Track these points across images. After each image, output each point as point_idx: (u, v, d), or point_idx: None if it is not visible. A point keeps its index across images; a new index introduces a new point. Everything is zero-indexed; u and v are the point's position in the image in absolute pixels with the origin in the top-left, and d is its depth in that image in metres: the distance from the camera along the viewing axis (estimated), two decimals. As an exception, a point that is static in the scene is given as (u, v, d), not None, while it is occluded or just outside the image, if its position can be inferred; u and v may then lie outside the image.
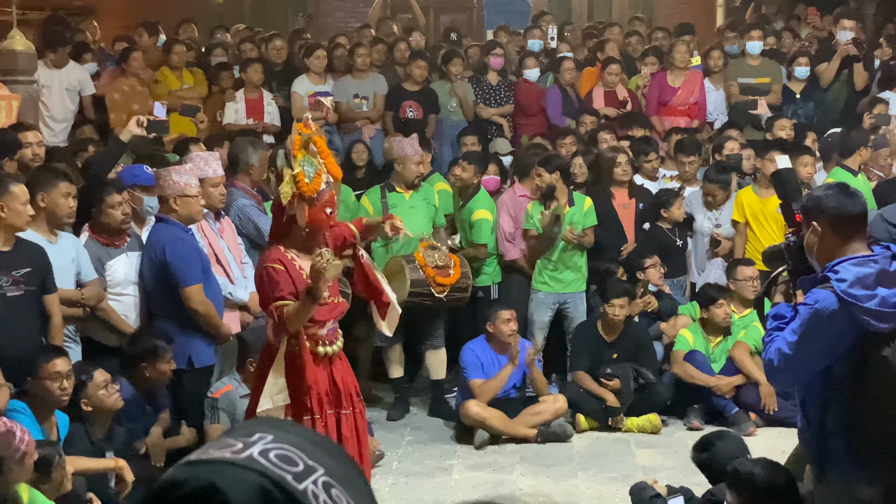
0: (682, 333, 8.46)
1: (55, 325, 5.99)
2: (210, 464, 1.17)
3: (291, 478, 1.16)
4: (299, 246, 5.48)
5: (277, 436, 1.21)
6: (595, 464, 7.48)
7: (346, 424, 5.62)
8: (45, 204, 6.14)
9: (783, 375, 4.22)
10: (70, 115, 10.23)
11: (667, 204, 9.05)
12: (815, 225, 4.15)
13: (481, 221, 8.83)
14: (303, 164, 5.34)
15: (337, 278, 5.56)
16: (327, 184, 5.39)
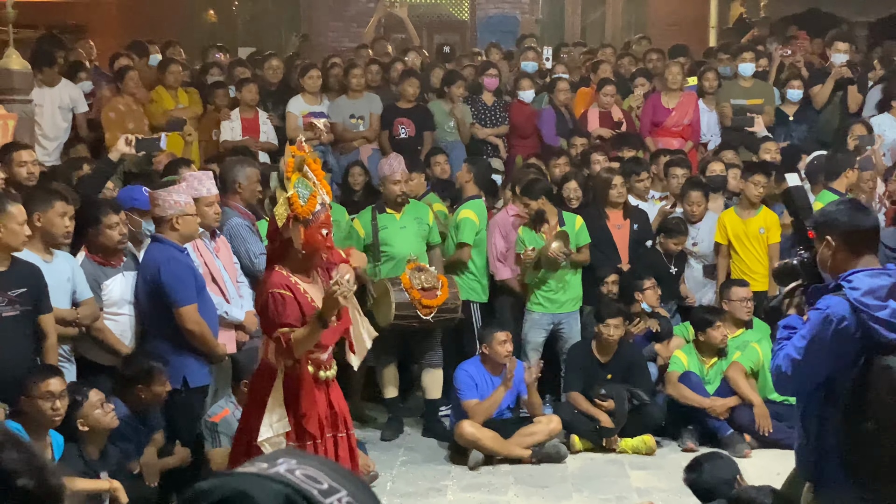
0: (677, 354, 8.47)
1: (50, 345, 5.98)
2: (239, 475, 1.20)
3: (317, 493, 1.20)
4: (297, 268, 5.43)
5: (300, 460, 1.25)
6: (589, 485, 7.47)
7: (342, 447, 5.62)
8: (41, 223, 6.14)
9: (791, 382, 4.24)
10: (63, 133, 10.24)
11: (670, 234, 9.06)
12: (828, 239, 4.26)
13: (464, 221, 8.85)
14: (297, 187, 5.30)
15: None
16: (322, 205, 5.36)
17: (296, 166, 5.35)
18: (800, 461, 4.42)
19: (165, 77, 10.80)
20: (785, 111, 11.33)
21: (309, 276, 5.44)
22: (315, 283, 5.49)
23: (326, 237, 5.44)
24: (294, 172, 5.34)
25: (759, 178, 9.14)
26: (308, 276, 5.44)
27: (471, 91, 11.64)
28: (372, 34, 13.95)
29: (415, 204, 8.76)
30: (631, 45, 13.63)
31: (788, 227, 9.16)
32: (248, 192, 7.78)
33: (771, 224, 9.12)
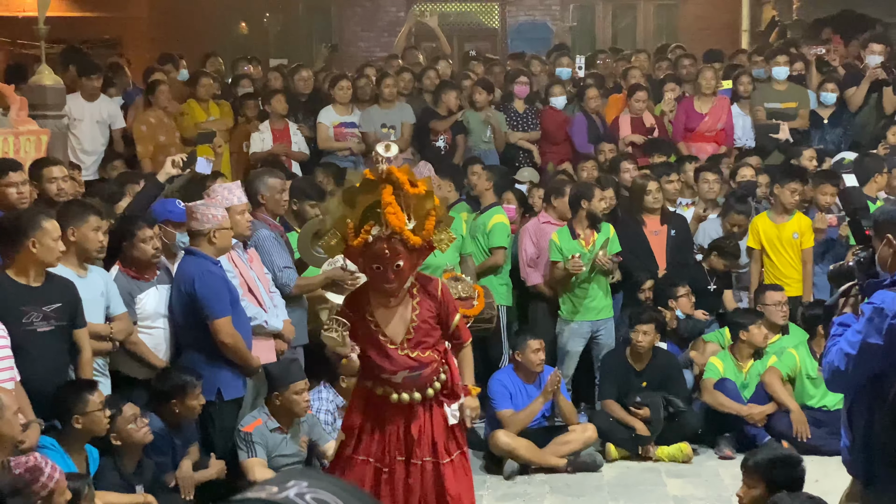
0: (712, 361, 8.40)
1: (85, 360, 6.00)
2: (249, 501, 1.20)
3: None
4: (377, 292, 5.42)
5: (312, 483, 1.24)
6: (626, 493, 7.42)
7: (414, 475, 5.52)
8: (76, 238, 6.16)
9: (843, 378, 4.20)
10: (100, 147, 10.31)
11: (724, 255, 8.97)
12: (889, 237, 4.28)
13: (498, 226, 8.87)
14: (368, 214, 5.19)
15: (423, 335, 5.45)
16: (376, 237, 5.12)
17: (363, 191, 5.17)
18: (847, 460, 4.39)
19: (196, 90, 10.85)
20: (819, 114, 11.24)
21: (388, 299, 5.38)
22: (393, 308, 5.42)
23: (382, 270, 5.20)
24: (363, 196, 5.17)
25: (795, 186, 9.08)
26: (388, 300, 5.38)
27: (501, 99, 11.64)
28: (403, 44, 13.97)
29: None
30: (666, 52, 13.55)
31: (822, 232, 9.09)
32: (272, 203, 7.76)
33: (805, 229, 9.04)
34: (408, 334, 5.40)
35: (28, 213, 5.99)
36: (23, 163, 7.04)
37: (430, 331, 5.46)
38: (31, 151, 7.67)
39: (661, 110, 11.36)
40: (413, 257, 5.22)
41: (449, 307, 5.52)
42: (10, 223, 5.80)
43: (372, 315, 5.39)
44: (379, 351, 5.41)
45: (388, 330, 5.38)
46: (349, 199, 5.12)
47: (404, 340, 5.40)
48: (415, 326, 5.39)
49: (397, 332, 5.40)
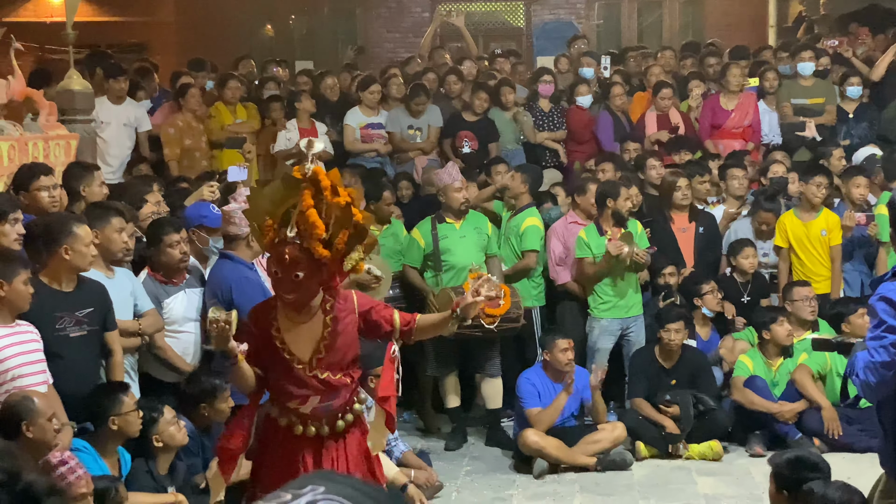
0: (742, 359, 8.38)
1: (116, 362, 6.06)
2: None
3: None
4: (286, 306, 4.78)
5: (329, 487, 1.23)
6: (656, 492, 7.41)
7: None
8: (100, 240, 6.19)
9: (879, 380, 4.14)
10: (127, 151, 10.36)
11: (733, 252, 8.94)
12: None
13: (530, 228, 8.88)
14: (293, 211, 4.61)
15: (336, 356, 4.79)
16: (281, 240, 4.59)
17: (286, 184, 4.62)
18: (881, 457, 4.35)
19: (223, 92, 10.89)
20: (845, 108, 11.17)
21: (297, 312, 4.74)
22: (300, 324, 4.76)
23: (281, 277, 4.63)
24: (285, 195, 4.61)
25: (821, 180, 9.02)
26: (297, 315, 4.75)
27: (527, 98, 11.63)
28: (429, 46, 13.96)
29: (474, 214, 8.77)
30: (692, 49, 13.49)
31: (849, 230, 9.04)
32: None
33: (833, 226, 8.98)
34: (317, 353, 4.73)
35: (60, 218, 6.03)
36: (52, 167, 7.09)
37: (345, 350, 4.79)
38: (60, 156, 7.72)
39: (687, 107, 11.33)
40: (320, 272, 4.59)
41: (373, 310, 4.86)
42: (42, 229, 5.85)
43: (278, 331, 4.74)
44: (285, 371, 4.74)
45: (294, 347, 4.73)
46: (273, 194, 4.58)
47: (313, 359, 4.73)
48: (325, 344, 4.73)
49: (305, 350, 4.73)
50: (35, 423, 4.96)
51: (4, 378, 5.27)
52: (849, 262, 9.18)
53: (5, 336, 5.31)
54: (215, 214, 6.92)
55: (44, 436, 4.96)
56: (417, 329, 4.90)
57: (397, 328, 4.86)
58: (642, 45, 14.88)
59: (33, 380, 5.35)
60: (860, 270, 9.24)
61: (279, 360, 4.74)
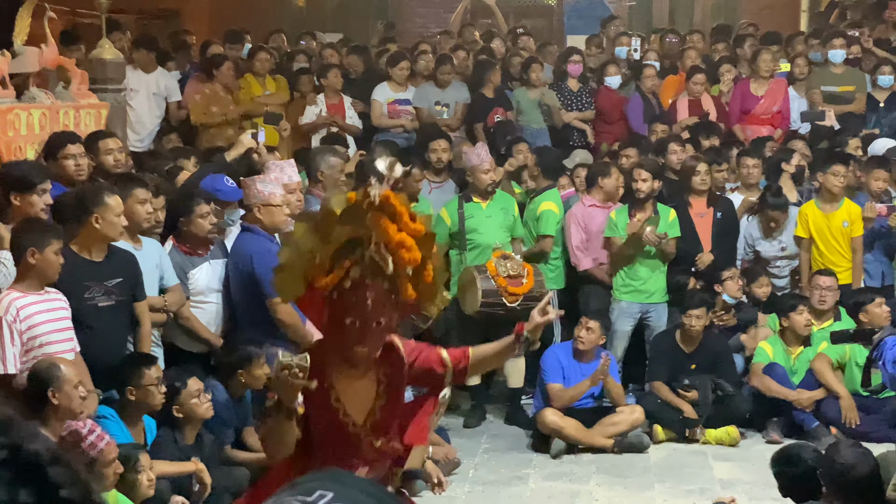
0: (762, 346, 8.40)
1: (144, 333, 6.14)
2: None
3: None
4: (338, 358, 3.86)
5: (339, 493, 1.22)
6: (672, 476, 7.45)
7: None
8: None
9: None
10: (156, 120, 10.42)
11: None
12: None
13: (546, 213, 8.91)
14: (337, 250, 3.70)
15: (390, 418, 3.95)
16: (356, 281, 3.67)
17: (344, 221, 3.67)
18: None
19: (253, 64, 10.92)
20: (876, 97, 11.12)
21: (352, 367, 3.87)
22: (356, 380, 3.90)
23: (361, 327, 3.74)
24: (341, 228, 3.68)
25: (839, 169, 8.99)
26: (350, 369, 3.87)
27: (555, 78, 11.62)
28: (459, 21, 13.96)
29: (501, 194, 8.81)
30: (724, 32, 13.43)
31: (871, 221, 9.01)
32: (331, 181, 7.86)
33: (855, 217, 8.96)
34: (372, 416, 3.90)
35: (92, 188, 6.10)
36: (81, 136, 7.15)
37: (397, 411, 4.01)
38: (90, 125, 7.79)
39: (718, 91, 11.30)
40: (396, 317, 3.84)
41: (421, 354, 4.02)
42: (74, 198, 5.92)
43: (332, 386, 3.86)
44: (334, 437, 3.89)
45: (350, 407, 3.89)
46: (324, 228, 3.69)
47: (367, 423, 3.90)
48: (381, 405, 3.91)
49: (359, 412, 3.90)
50: (61, 389, 5.04)
51: (32, 345, 5.35)
52: (869, 252, 9.17)
53: (34, 303, 5.39)
54: (229, 187, 6.96)
55: (70, 403, 5.04)
56: (473, 365, 4.09)
57: (450, 370, 4.04)
58: (673, 28, 14.81)
59: (61, 347, 5.43)
60: (881, 261, 9.23)
61: (330, 422, 3.86)
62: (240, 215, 7.09)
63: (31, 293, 5.40)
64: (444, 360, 4.02)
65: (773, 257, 9.20)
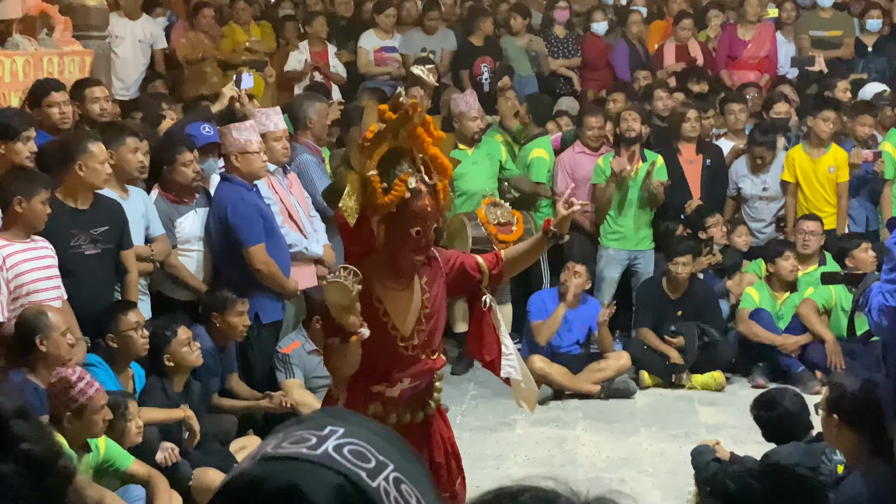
0: (748, 291, 8.44)
1: (131, 281, 6.13)
2: (290, 461, 1.20)
3: (365, 475, 1.19)
4: (385, 272, 3.94)
5: (348, 429, 1.24)
6: (658, 421, 7.51)
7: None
8: (114, 160, 6.22)
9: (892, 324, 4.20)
10: (141, 68, 10.35)
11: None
12: None
13: (537, 160, 8.95)
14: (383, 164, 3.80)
15: (434, 327, 4.06)
16: (417, 190, 3.79)
17: (384, 135, 3.77)
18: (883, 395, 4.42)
19: (235, 12, 10.85)
20: (864, 41, 11.09)
21: (398, 281, 3.98)
22: (403, 291, 4.01)
23: (423, 234, 3.86)
24: (381, 143, 3.78)
25: (829, 114, 8.98)
26: (396, 282, 3.98)
27: (541, 24, 11.57)
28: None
29: (487, 141, 8.79)
30: None
31: (857, 167, 9.03)
32: (319, 128, 7.85)
33: (841, 163, 8.96)
34: (418, 324, 4.00)
35: (75, 136, 6.08)
36: (67, 84, 7.11)
37: (441, 320, 4.13)
38: (75, 72, 7.75)
39: (705, 37, 11.26)
40: (438, 222, 3.97)
41: (458, 261, 4.17)
42: (57, 146, 5.90)
43: (379, 301, 3.95)
44: (383, 348, 3.94)
45: (398, 320, 3.98)
46: (365, 145, 3.76)
47: (414, 333, 4.00)
48: (426, 314, 4.01)
49: (407, 322, 3.99)
50: (49, 337, 5.05)
51: (19, 293, 5.35)
52: (854, 198, 9.19)
53: (21, 251, 5.39)
54: (203, 135, 6.93)
55: (58, 350, 5.05)
56: (507, 266, 4.21)
57: (486, 273, 4.14)
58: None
59: (48, 295, 5.44)
60: (865, 206, 9.26)
61: (382, 334, 3.89)
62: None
63: (17, 241, 5.40)
64: (479, 265, 4.13)
65: (754, 196, 9.19)
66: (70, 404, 4.68)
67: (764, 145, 9.07)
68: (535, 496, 1.29)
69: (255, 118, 7.01)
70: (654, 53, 11.16)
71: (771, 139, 9.13)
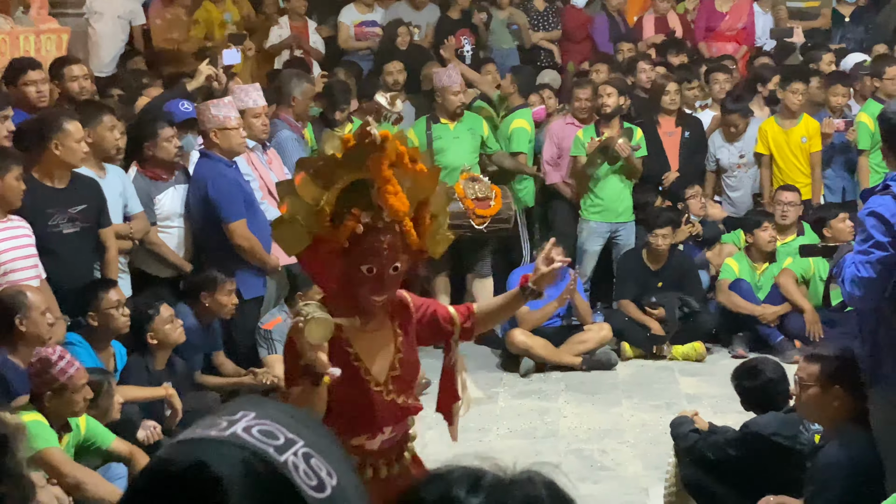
0: (728, 262, 8.48)
1: (110, 258, 6.12)
2: (197, 442, 1.24)
3: (273, 450, 1.22)
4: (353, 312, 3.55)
5: (260, 412, 1.27)
6: (639, 391, 7.56)
7: None
8: (92, 139, 6.20)
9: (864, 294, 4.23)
10: (120, 44, 10.26)
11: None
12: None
13: (518, 130, 8.96)
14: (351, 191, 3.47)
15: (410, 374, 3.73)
16: (368, 225, 3.46)
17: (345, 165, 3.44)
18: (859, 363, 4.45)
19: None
20: (841, 11, 11.11)
21: (367, 322, 3.63)
22: (374, 333, 3.66)
23: (377, 273, 3.50)
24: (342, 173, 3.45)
25: (798, 86, 9.01)
26: (365, 323, 3.63)
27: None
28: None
29: (469, 115, 8.79)
30: None
31: (829, 137, 9.06)
32: (302, 108, 7.86)
33: (813, 133, 9.00)
34: (392, 371, 3.66)
35: (50, 114, 6.05)
36: (43, 62, 7.08)
37: (415, 366, 3.78)
38: (52, 50, 7.71)
39: (684, 8, 11.27)
40: (407, 261, 3.58)
41: (429, 309, 3.83)
42: (32, 125, 5.88)
43: (349, 345, 3.59)
44: (358, 398, 3.60)
45: (370, 366, 3.64)
46: (325, 173, 3.45)
47: (388, 380, 3.65)
48: (400, 359, 3.68)
49: (380, 369, 3.66)
50: (28, 316, 5.03)
51: (-4, 272, 5.34)
52: (830, 168, 9.24)
53: (-3, 231, 5.37)
54: (181, 111, 6.91)
55: (37, 329, 5.04)
56: (479, 321, 3.89)
57: (458, 326, 3.82)
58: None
59: (26, 274, 5.43)
60: (841, 176, 9.31)
61: (354, 383, 3.57)
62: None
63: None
64: (452, 317, 3.82)
65: (732, 165, 9.22)
66: (50, 384, 4.69)
67: (736, 112, 9.09)
68: (463, 473, 1.32)
69: (234, 94, 6.99)
70: (633, 25, 11.16)
71: (743, 106, 9.15)
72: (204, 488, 1.19)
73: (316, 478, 1.23)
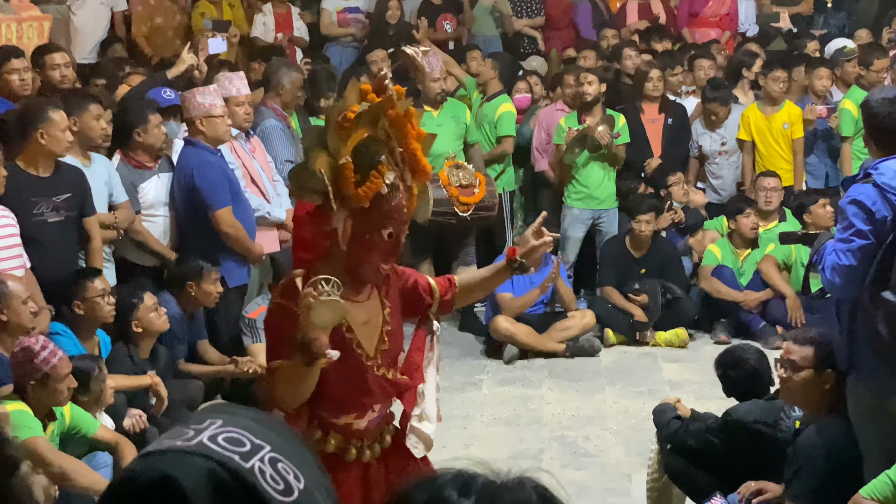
0: (711, 249, 8.51)
1: (95, 248, 6.11)
2: (163, 454, 1.25)
3: (238, 458, 1.24)
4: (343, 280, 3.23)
5: (227, 420, 1.29)
6: (622, 378, 7.59)
7: None
8: (78, 127, 6.20)
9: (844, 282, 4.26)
10: (102, 31, 10.22)
11: None
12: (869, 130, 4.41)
13: (506, 114, 9.01)
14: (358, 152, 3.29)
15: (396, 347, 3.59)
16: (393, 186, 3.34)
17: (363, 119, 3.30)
18: (837, 349, 4.47)
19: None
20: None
21: (357, 291, 3.48)
22: (364, 304, 3.51)
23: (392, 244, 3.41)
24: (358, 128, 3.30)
25: (779, 74, 9.04)
26: (356, 293, 3.46)
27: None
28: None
29: (452, 102, 8.78)
30: None
31: (811, 123, 9.09)
32: (290, 96, 7.85)
33: (795, 119, 9.03)
34: (381, 344, 3.51)
35: (35, 103, 6.04)
36: (25, 50, 7.06)
37: (401, 338, 3.64)
38: (33, 38, 7.69)
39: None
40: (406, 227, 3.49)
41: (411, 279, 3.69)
42: (17, 114, 5.87)
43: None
44: (349, 373, 3.42)
45: (362, 338, 3.48)
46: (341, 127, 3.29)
47: (377, 353, 3.50)
48: (387, 331, 3.53)
49: (369, 341, 3.50)
50: (10, 305, 5.02)
51: (-20, 262, 5.33)
52: (813, 154, 9.27)
53: (-20, 220, 5.36)
54: (165, 98, 6.90)
55: (19, 319, 5.03)
56: (460, 293, 3.76)
57: (437, 298, 3.68)
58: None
59: (9, 264, 5.42)
60: (824, 162, 9.34)
61: (346, 356, 3.33)
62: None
63: (-25, 210, 5.38)
64: (432, 288, 3.67)
65: (713, 153, 9.25)
66: (34, 373, 4.68)
67: (716, 101, 9.12)
68: (454, 476, 1.34)
69: (218, 82, 6.99)
70: (616, 12, 11.17)
71: (723, 94, 9.18)
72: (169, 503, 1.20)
73: (283, 482, 1.25)
